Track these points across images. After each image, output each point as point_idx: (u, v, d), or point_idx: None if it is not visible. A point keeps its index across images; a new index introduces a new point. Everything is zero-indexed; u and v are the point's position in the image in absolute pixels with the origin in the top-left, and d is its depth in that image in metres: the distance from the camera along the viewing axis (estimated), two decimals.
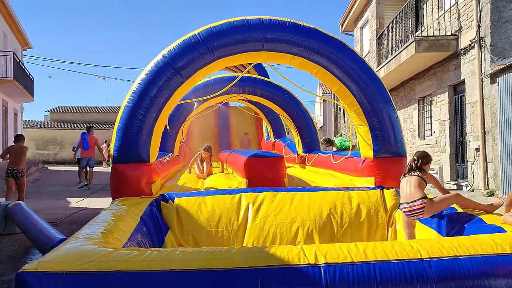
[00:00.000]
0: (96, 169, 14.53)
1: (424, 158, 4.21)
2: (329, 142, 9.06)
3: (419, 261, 2.70)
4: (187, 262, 2.60)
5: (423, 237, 4.25)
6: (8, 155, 8.57)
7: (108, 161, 14.70)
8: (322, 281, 2.56)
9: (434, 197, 4.06)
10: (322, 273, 2.59)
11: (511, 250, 2.80)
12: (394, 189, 5.15)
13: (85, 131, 13.82)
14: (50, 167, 21.58)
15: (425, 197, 3.96)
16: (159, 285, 2.51)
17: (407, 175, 4.16)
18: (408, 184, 4.07)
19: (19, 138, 8.84)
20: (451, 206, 4.19)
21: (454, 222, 4.01)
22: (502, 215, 3.84)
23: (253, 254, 2.71)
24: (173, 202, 4.89)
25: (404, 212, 4.02)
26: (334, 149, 8.72)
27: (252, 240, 4.70)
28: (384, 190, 5.17)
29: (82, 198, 10.62)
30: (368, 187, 5.46)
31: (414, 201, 3.95)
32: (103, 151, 21.19)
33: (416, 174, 4.09)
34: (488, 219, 3.80)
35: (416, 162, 4.17)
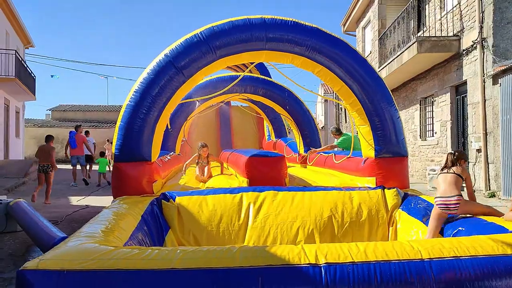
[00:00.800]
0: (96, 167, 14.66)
1: (461, 154, 4.34)
2: (339, 131, 9.01)
3: (419, 261, 2.70)
4: (188, 261, 2.61)
5: (424, 237, 4.25)
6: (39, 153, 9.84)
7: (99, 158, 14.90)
8: (323, 281, 2.56)
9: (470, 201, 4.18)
10: (323, 272, 2.59)
11: None
12: (395, 189, 5.14)
13: (73, 129, 14.14)
14: None
15: (461, 195, 4.06)
16: (160, 283, 2.51)
17: (444, 172, 4.24)
18: (445, 181, 4.16)
19: (48, 138, 10.03)
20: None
21: (456, 222, 4.02)
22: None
23: (253, 253, 2.71)
24: (174, 201, 4.89)
25: (437, 204, 4.08)
26: (336, 141, 8.68)
27: (253, 240, 4.69)
28: (385, 190, 5.15)
29: (83, 197, 10.64)
30: (369, 187, 5.46)
31: (450, 196, 4.03)
32: (106, 152, 21.31)
33: (452, 171, 4.17)
34: (489, 217, 3.82)
35: (453, 156, 4.27)
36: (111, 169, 5.61)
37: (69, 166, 13.21)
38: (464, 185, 4.29)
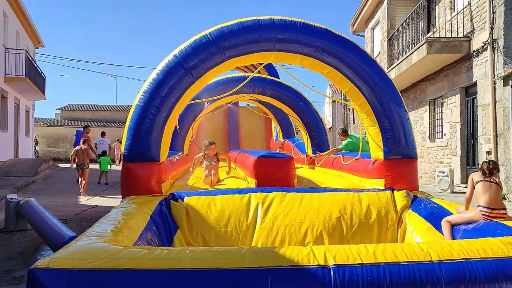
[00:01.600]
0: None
1: (496, 163, 4.24)
2: (345, 133, 8.96)
3: (429, 263, 2.68)
4: (197, 261, 2.61)
5: (434, 239, 4.23)
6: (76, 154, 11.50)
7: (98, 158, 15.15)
8: (332, 282, 2.55)
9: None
10: (332, 274, 2.58)
11: None
12: (404, 190, 5.11)
13: (81, 129, 14.47)
14: (60, 165, 21.75)
15: (505, 208, 4.00)
16: (169, 283, 2.52)
17: (487, 180, 4.09)
18: (489, 190, 4.02)
19: (84, 141, 11.78)
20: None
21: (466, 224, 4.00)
22: None
23: (262, 254, 2.71)
24: (182, 201, 4.90)
25: (483, 215, 3.95)
26: (343, 142, 8.64)
27: (261, 241, 4.69)
28: (395, 191, 5.13)
29: (92, 196, 10.70)
30: (378, 189, 5.43)
31: (498, 209, 3.93)
32: (115, 151, 21.46)
33: (494, 181, 4.06)
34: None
35: (489, 164, 4.15)
36: (111, 168, 5.62)
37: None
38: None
